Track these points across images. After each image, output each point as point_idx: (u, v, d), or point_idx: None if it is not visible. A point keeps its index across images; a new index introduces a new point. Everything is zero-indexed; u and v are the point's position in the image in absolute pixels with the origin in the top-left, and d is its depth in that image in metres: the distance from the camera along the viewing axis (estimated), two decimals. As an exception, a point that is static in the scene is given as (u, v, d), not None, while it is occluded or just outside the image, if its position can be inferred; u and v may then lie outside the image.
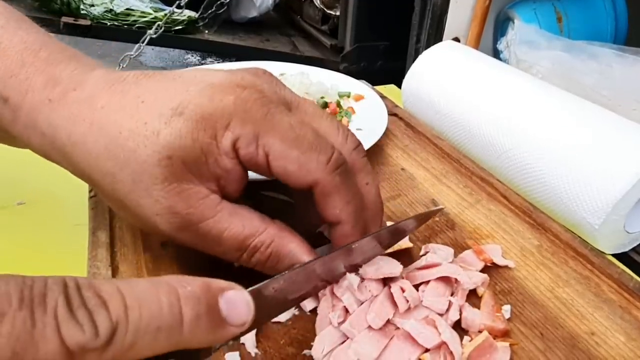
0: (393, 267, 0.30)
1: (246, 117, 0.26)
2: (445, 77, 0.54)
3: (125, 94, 0.27)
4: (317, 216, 0.29)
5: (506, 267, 0.36)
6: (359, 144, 0.30)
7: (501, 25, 0.84)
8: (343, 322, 0.28)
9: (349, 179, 0.28)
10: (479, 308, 0.31)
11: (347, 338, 0.28)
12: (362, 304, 0.29)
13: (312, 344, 0.28)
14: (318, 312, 0.29)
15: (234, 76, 0.27)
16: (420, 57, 0.58)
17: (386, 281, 0.30)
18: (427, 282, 0.31)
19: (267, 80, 0.29)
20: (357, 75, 0.65)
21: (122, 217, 0.28)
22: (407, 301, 0.29)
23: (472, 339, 0.29)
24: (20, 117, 0.28)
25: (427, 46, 0.67)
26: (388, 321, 0.29)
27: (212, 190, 0.27)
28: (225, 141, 0.26)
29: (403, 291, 0.29)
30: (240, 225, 0.27)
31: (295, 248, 0.28)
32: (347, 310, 0.29)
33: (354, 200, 0.28)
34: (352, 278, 0.30)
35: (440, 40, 0.81)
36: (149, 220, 0.27)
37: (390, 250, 0.33)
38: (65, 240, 0.39)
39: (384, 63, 1.48)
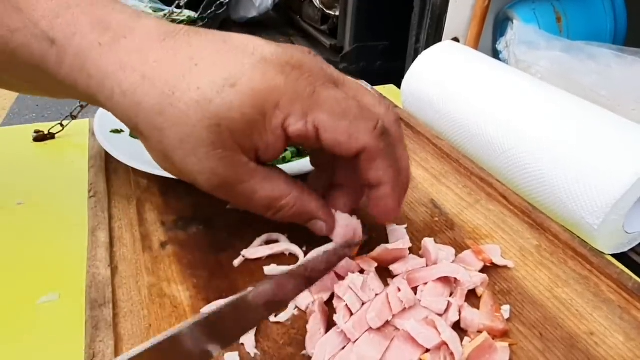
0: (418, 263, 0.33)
1: (295, 97, 0.28)
2: (445, 77, 0.54)
3: (177, 52, 0.28)
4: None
5: (505, 267, 0.36)
6: (399, 116, 0.33)
7: (500, 26, 0.84)
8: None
9: (391, 145, 0.31)
10: (478, 308, 0.31)
11: (347, 343, 0.28)
12: (363, 304, 0.29)
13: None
14: (308, 329, 0.29)
15: (284, 54, 0.29)
16: (419, 57, 0.58)
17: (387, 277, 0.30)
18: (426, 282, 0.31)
19: (314, 60, 0.31)
20: (356, 75, 0.64)
21: (160, 165, 0.30)
22: (402, 302, 0.29)
23: (472, 340, 0.29)
24: (67, 60, 0.28)
25: (427, 46, 0.67)
26: (388, 323, 0.29)
27: (250, 158, 0.29)
28: (276, 119, 0.28)
29: (399, 290, 0.29)
30: (270, 189, 0.30)
31: (315, 207, 0.32)
32: (350, 311, 0.29)
33: (395, 165, 0.31)
34: (354, 277, 0.30)
35: (440, 40, 0.81)
36: (190, 175, 0.29)
37: (391, 247, 0.33)
38: (64, 240, 0.39)
39: (383, 63, 1.48)
